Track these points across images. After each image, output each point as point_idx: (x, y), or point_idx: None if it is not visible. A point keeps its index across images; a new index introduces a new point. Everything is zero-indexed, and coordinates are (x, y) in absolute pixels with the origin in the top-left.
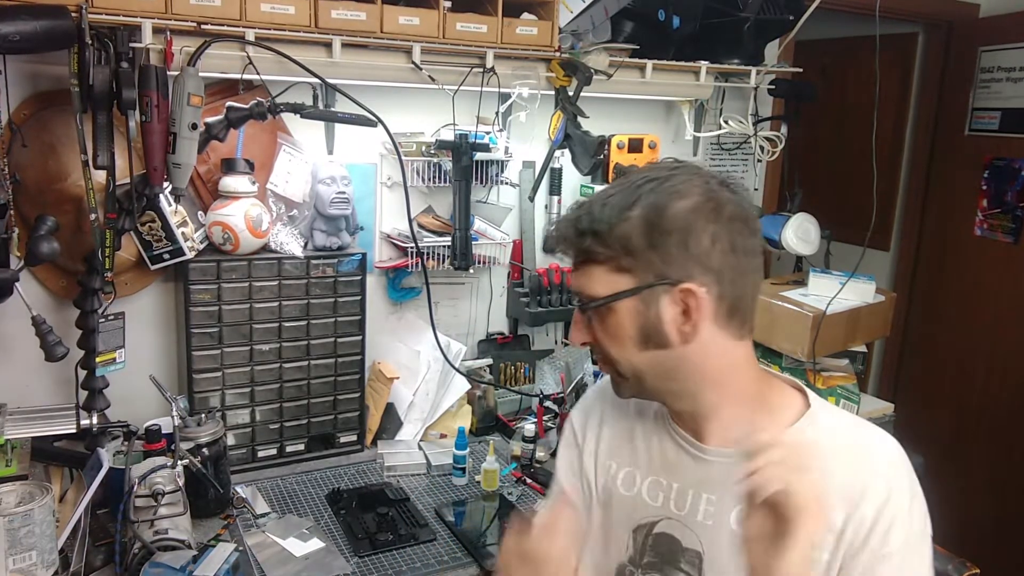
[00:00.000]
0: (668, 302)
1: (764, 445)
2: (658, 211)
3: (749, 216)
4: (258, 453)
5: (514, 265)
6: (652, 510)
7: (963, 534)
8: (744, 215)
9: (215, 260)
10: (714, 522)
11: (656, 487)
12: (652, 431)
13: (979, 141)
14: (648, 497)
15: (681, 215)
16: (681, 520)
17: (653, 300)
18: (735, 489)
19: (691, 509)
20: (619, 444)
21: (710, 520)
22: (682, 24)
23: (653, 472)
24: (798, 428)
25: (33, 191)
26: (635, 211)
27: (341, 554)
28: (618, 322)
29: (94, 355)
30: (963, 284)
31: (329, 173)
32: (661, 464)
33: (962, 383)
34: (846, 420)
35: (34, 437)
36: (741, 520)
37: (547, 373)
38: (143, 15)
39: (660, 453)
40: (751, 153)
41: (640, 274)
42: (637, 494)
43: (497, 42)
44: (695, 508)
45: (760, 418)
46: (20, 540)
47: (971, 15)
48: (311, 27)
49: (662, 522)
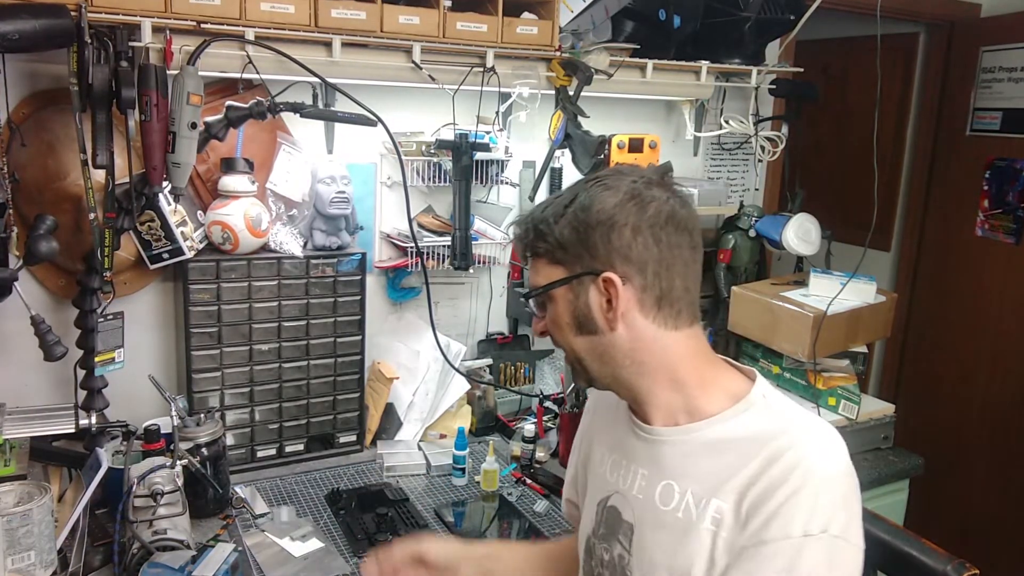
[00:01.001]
0: (594, 291)
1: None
2: (585, 208)
3: (676, 213)
4: (257, 453)
5: (514, 265)
6: (609, 485)
7: (963, 534)
8: (670, 211)
9: (214, 260)
10: (644, 496)
11: (616, 466)
12: (620, 415)
13: (980, 141)
14: (609, 474)
15: (605, 210)
16: (624, 493)
17: (582, 289)
18: (662, 467)
19: (630, 484)
20: (603, 430)
21: (641, 494)
22: (683, 24)
23: (614, 452)
24: (732, 412)
25: (32, 190)
26: (570, 208)
27: (340, 555)
28: (557, 310)
29: (93, 355)
30: (964, 285)
31: (329, 172)
32: (619, 444)
33: (963, 384)
34: (781, 409)
35: (33, 437)
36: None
37: (547, 373)
38: (143, 14)
39: (619, 434)
40: (752, 153)
41: (570, 265)
42: (603, 472)
43: (497, 41)
44: (632, 483)
45: (694, 402)
46: (19, 540)
47: (973, 15)
48: (311, 26)
49: (613, 496)
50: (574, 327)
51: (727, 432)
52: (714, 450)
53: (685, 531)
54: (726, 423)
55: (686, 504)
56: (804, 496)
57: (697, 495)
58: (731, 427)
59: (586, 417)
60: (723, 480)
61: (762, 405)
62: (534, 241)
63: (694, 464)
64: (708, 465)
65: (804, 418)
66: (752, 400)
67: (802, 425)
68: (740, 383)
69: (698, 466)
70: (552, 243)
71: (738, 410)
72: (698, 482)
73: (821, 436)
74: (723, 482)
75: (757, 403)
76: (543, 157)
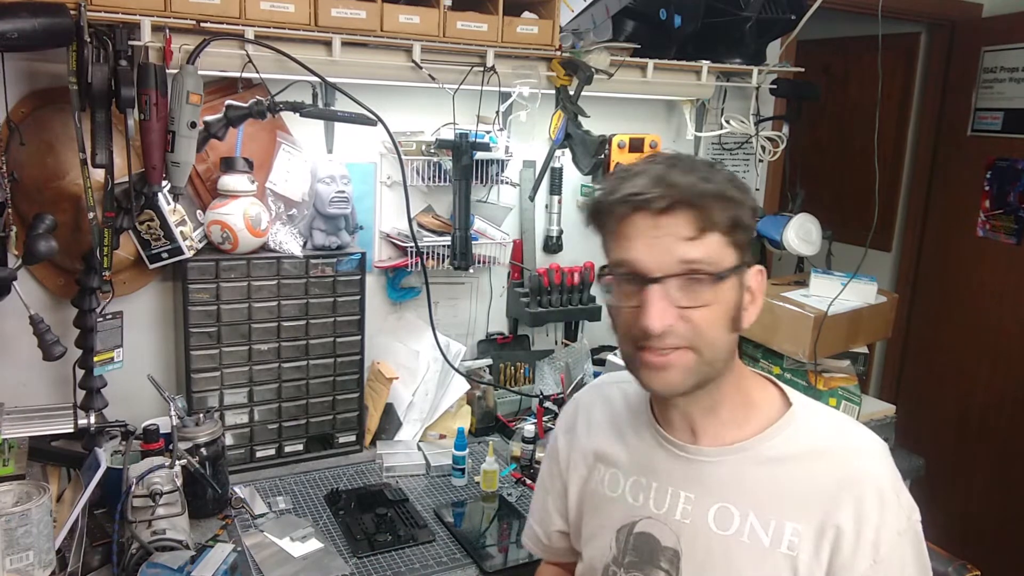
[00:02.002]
0: (741, 284)
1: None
2: (745, 189)
3: None
4: (256, 453)
5: (514, 265)
6: (634, 510)
7: (964, 535)
8: None
9: (214, 259)
10: (691, 520)
11: (637, 487)
12: (636, 431)
13: (982, 142)
14: (630, 497)
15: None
16: (660, 519)
17: (741, 280)
18: (711, 488)
19: (669, 508)
20: (609, 447)
21: (688, 519)
22: (683, 23)
23: (635, 472)
24: (778, 427)
25: (31, 189)
26: (735, 184)
27: (340, 555)
28: (725, 298)
29: (92, 354)
30: (965, 285)
31: (328, 172)
32: (642, 464)
33: (964, 384)
34: (827, 419)
35: (31, 436)
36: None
37: (547, 373)
38: (142, 13)
39: (641, 453)
40: (752, 153)
41: (742, 249)
42: (621, 495)
43: (497, 41)
44: (673, 506)
45: (744, 416)
46: (17, 540)
47: (974, 15)
48: (311, 25)
49: (642, 521)
50: (730, 321)
51: (780, 448)
52: (770, 468)
53: (759, 557)
54: (776, 438)
55: (750, 528)
56: (889, 502)
57: (762, 518)
58: (782, 442)
59: (565, 437)
60: (790, 500)
61: (803, 415)
62: (719, 212)
63: (751, 484)
64: (767, 485)
65: (842, 419)
66: (795, 412)
67: (847, 428)
68: (772, 391)
69: (756, 486)
70: (729, 221)
71: (784, 424)
72: (759, 503)
73: (864, 433)
74: (791, 502)
75: (799, 414)
76: (543, 157)
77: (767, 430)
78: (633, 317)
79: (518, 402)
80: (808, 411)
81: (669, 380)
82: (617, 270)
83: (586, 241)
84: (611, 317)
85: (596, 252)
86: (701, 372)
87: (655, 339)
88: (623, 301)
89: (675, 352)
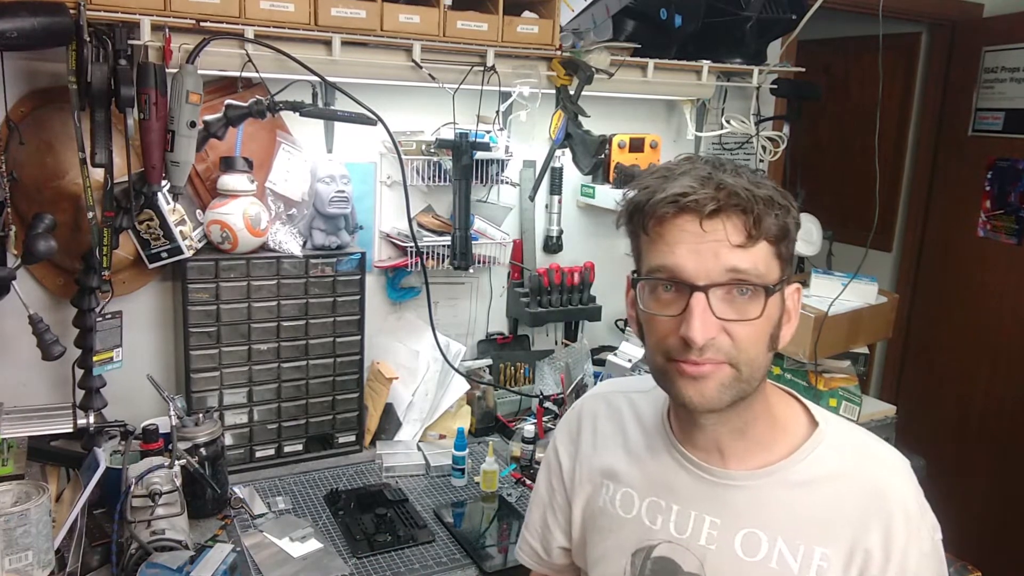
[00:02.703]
0: (783, 300)
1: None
2: (791, 199)
3: None
4: (256, 453)
5: (514, 265)
6: (651, 533)
7: (965, 537)
8: None
9: (213, 259)
10: (717, 546)
11: (655, 509)
12: (649, 448)
13: (983, 142)
14: (647, 519)
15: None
16: (682, 543)
17: (783, 296)
18: (739, 513)
19: (693, 532)
20: (615, 462)
21: (713, 544)
22: (684, 23)
23: (651, 493)
24: (806, 449)
25: (31, 189)
26: (779, 193)
27: (339, 555)
28: (769, 315)
29: (91, 354)
30: (966, 286)
31: (328, 172)
32: (660, 484)
33: (965, 385)
34: (851, 438)
35: (31, 436)
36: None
37: (547, 374)
38: (142, 12)
39: (659, 473)
40: (753, 153)
41: (785, 263)
42: (636, 516)
43: (498, 40)
44: (697, 531)
45: (772, 437)
46: (16, 540)
47: (975, 15)
48: (311, 25)
49: (661, 545)
50: (770, 340)
51: (808, 471)
52: (799, 492)
53: None
54: (804, 461)
55: (779, 554)
56: (914, 522)
57: (791, 543)
58: (810, 465)
59: (568, 449)
60: (819, 524)
61: (830, 435)
62: (772, 222)
63: (780, 509)
64: (796, 509)
65: (866, 437)
66: (822, 432)
67: (871, 447)
68: (797, 409)
69: (785, 511)
70: (784, 230)
71: (811, 445)
72: (787, 529)
73: (888, 450)
74: (819, 527)
75: (826, 433)
76: (544, 157)
77: (795, 453)
78: (670, 327)
79: (518, 402)
80: (833, 429)
81: (707, 393)
82: (656, 275)
83: (586, 241)
84: (639, 325)
85: (596, 252)
86: (737, 389)
87: (694, 352)
88: (660, 310)
89: (712, 365)
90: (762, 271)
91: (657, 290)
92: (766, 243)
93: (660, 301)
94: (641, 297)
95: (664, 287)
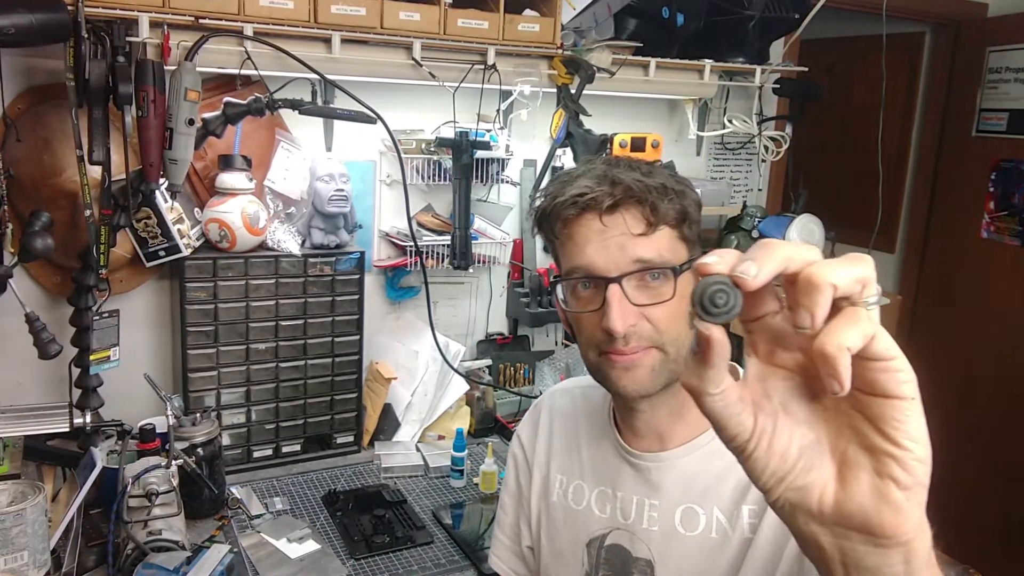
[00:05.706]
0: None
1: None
2: (686, 184)
3: None
4: (253, 453)
5: (514, 265)
6: (602, 522)
7: (966, 540)
8: None
9: (211, 257)
10: (659, 527)
11: (603, 498)
12: (595, 439)
13: (986, 142)
14: (596, 509)
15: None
16: (629, 529)
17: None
18: (671, 493)
19: (636, 517)
20: (567, 456)
21: (655, 526)
22: (686, 22)
23: (599, 483)
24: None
25: (28, 186)
26: (675, 179)
27: (337, 556)
28: (680, 293)
29: (88, 353)
30: (969, 287)
31: (327, 170)
32: (605, 473)
33: (967, 386)
34: None
35: (27, 436)
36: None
37: (547, 374)
38: (140, 9)
39: (603, 462)
40: (755, 153)
41: (692, 244)
42: (587, 507)
43: (498, 39)
44: (640, 516)
45: (694, 415)
46: (12, 540)
47: (979, 15)
48: (310, 22)
49: (612, 533)
50: (689, 316)
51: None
52: (726, 461)
53: (733, 549)
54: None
55: (716, 522)
56: None
57: (725, 510)
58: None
59: (521, 448)
60: (743, 485)
61: None
62: (668, 207)
63: (709, 479)
64: (725, 477)
65: None
66: None
67: None
68: None
69: (716, 481)
70: (677, 215)
71: None
72: (721, 497)
73: None
74: (744, 486)
75: None
76: (544, 156)
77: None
78: (594, 322)
79: (518, 403)
80: None
81: (639, 379)
82: (573, 275)
83: None
84: (570, 327)
85: None
86: (668, 371)
87: (619, 341)
88: (582, 307)
89: (641, 352)
90: (667, 255)
91: (576, 289)
92: (667, 228)
93: (581, 299)
94: (564, 298)
95: (582, 285)
